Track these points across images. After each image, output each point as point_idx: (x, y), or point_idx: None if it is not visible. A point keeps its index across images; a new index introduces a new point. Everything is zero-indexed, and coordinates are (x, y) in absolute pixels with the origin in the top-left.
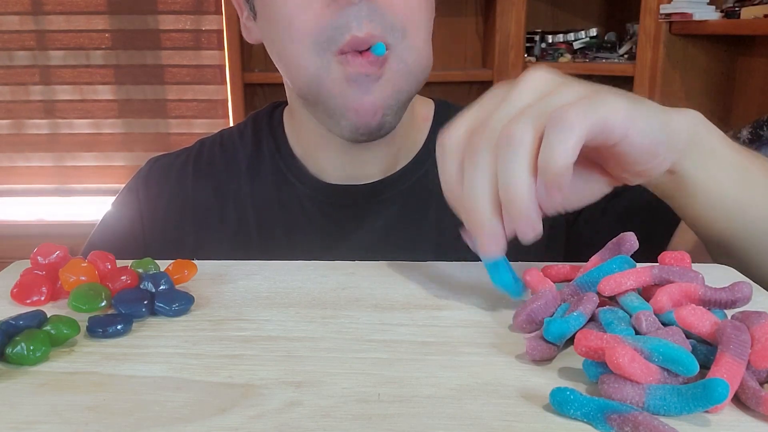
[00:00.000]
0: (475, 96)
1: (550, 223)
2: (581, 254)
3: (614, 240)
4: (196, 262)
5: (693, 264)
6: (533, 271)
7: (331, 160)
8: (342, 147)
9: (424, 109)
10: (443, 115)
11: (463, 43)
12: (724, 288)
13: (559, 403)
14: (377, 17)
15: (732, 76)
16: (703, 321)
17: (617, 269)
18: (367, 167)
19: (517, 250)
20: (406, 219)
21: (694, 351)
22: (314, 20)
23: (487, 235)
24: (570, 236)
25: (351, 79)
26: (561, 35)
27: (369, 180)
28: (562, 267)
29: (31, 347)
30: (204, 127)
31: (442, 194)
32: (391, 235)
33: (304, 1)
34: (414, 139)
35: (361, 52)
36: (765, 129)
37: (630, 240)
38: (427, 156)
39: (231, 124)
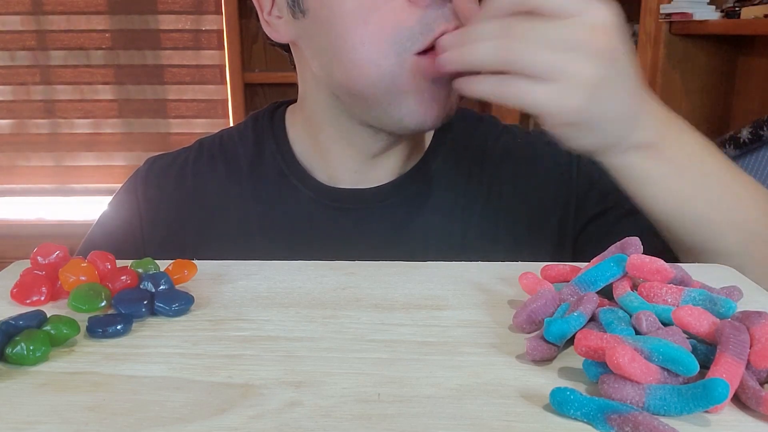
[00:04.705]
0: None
1: (558, 231)
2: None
3: (618, 244)
4: (196, 262)
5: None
6: (529, 274)
7: (344, 165)
8: (362, 151)
9: None
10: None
11: None
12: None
13: (559, 403)
14: (455, 17)
15: (732, 75)
16: (701, 321)
17: (615, 267)
18: (378, 171)
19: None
20: (411, 221)
21: (694, 351)
22: (394, 19)
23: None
24: (576, 248)
25: (431, 77)
26: None
27: (376, 183)
28: (562, 267)
29: (31, 347)
30: (204, 127)
31: (447, 195)
32: (396, 238)
33: (378, 1)
34: (420, 140)
35: None
36: (765, 129)
37: (634, 244)
38: (432, 158)
39: (231, 124)
